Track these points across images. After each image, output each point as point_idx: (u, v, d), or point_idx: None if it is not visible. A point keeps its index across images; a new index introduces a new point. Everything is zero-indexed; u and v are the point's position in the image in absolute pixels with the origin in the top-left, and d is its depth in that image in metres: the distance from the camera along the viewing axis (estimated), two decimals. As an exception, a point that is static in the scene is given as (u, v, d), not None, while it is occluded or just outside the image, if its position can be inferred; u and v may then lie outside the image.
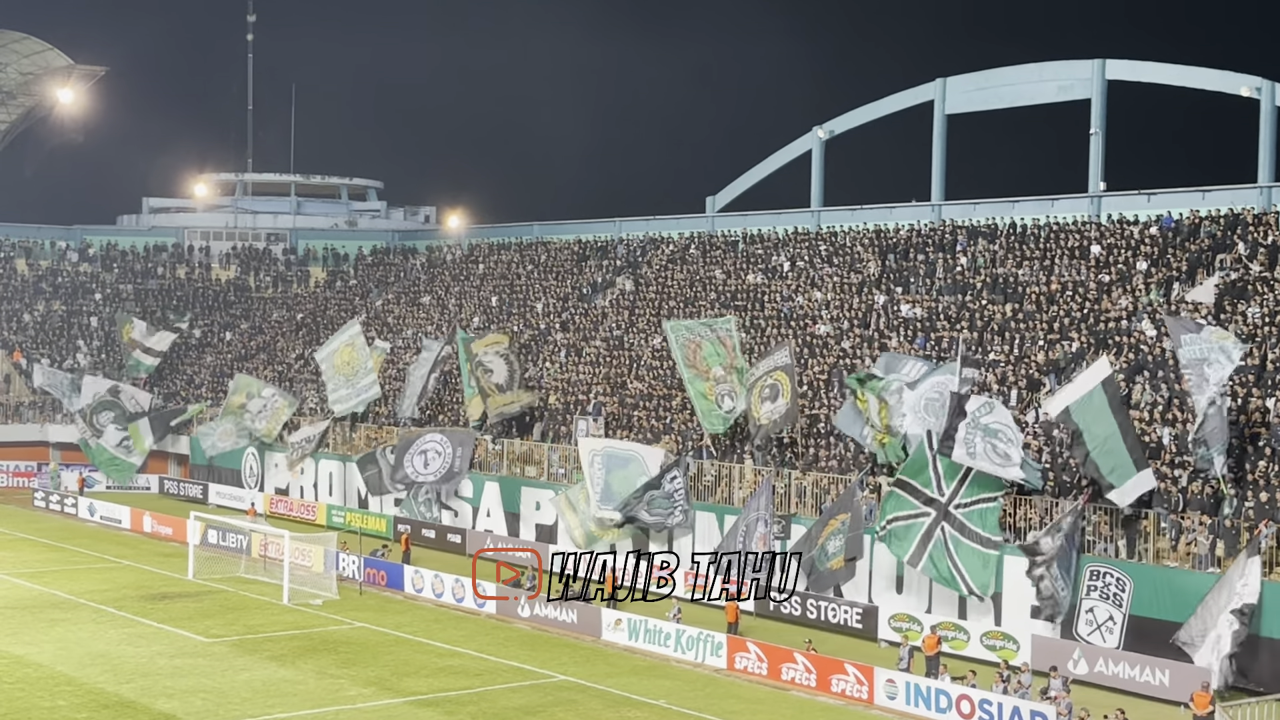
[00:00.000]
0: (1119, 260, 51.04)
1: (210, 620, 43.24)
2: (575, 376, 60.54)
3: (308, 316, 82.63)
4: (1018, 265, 53.79)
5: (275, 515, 63.01)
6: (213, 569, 51.16)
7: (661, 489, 47.47)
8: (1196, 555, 36.39)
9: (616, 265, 71.87)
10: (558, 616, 42.76)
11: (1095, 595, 37.11)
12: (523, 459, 56.06)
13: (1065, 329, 47.71)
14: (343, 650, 39.67)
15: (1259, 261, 47.23)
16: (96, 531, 61.25)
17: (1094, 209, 57.24)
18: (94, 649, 39.10)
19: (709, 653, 38.45)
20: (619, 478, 48.87)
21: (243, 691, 34.96)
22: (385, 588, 48.60)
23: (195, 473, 71.25)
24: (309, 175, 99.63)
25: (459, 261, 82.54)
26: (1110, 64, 58.27)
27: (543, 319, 68.83)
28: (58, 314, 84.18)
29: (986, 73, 62.41)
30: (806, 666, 36.12)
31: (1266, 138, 53.65)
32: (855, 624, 41.45)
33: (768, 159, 71.33)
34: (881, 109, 66.64)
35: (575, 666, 38.16)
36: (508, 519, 54.64)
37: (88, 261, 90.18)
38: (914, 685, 34.14)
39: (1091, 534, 38.40)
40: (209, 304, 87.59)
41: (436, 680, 36.56)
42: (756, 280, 62.59)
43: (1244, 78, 54.56)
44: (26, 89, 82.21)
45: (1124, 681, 35.16)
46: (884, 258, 59.14)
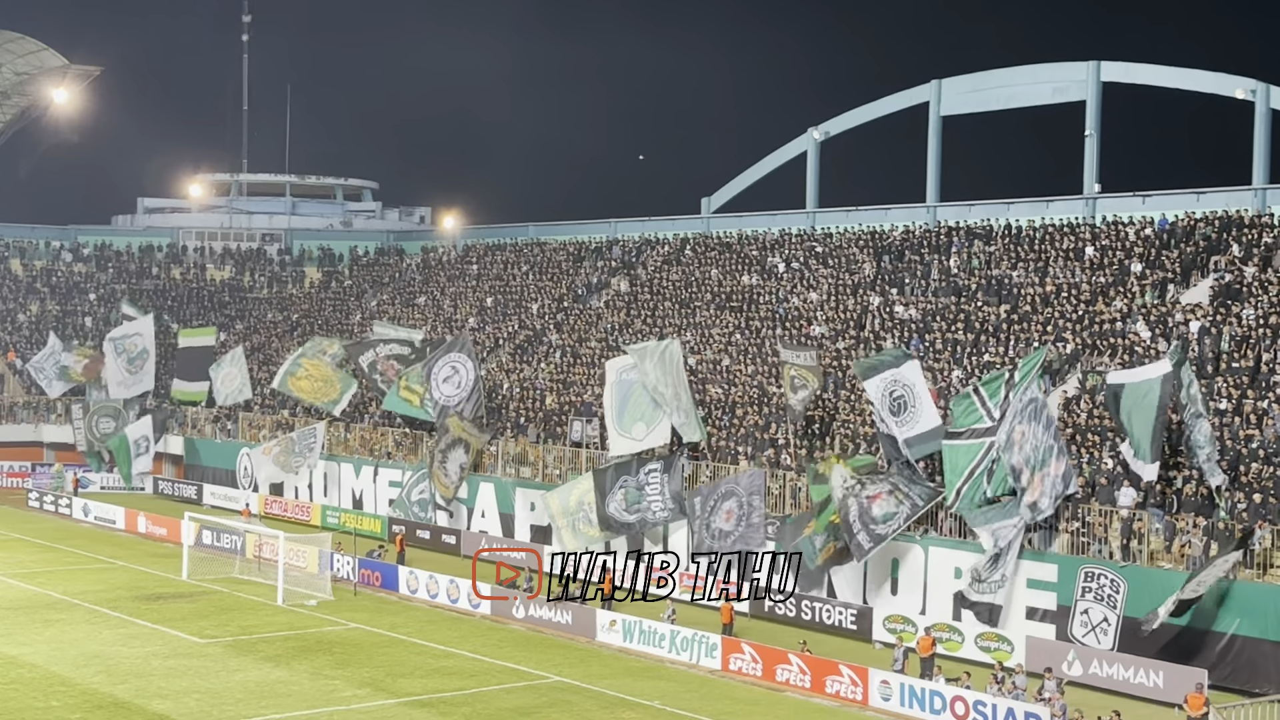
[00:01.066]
0: (1114, 262, 51.10)
1: (205, 621, 43.19)
2: (570, 377, 60.53)
3: (303, 317, 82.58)
4: (1012, 267, 53.84)
5: (270, 516, 62.95)
6: (207, 569, 51.10)
7: (635, 478, 47.60)
8: (1190, 557, 36.42)
9: (612, 266, 71.87)
10: (553, 617, 42.75)
11: (1090, 597, 37.14)
12: (518, 460, 56.04)
13: (1060, 331, 47.76)
14: (337, 651, 39.64)
15: (1253, 263, 47.31)
16: (91, 532, 61.18)
17: (1089, 211, 57.31)
18: (88, 649, 39.05)
19: (704, 654, 38.46)
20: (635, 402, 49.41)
21: (237, 692, 34.93)
22: (380, 588, 48.57)
23: (190, 473, 71.20)
24: (304, 176, 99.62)
25: (454, 262, 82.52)
26: (1105, 66, 58.36)
27: (538, 320, 68.83)
28: (52, 314, 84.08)
29: (982, 74, 62.50)
30: (801, 668, 36.13)
31: (1261, 140, 53.76)
32: (850, 625, 41.47)
33: (763, 160, 71.41)
34: (877, 110, 66.72)
35: (570, 667, 38.16)
36: (502, 520, 54.62)
37: (82, 262, 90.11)
38: (908, 686, 34.15)
39: (1086, 536, 38.44)
40: (204, 304, 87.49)
41: (431, 681, 36.54)
42: (752, 281, 62.61)
43: (1239, 80, 54.66)
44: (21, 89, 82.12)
45: (1118, 683, 35.17)
46: (879, 259, 59.18)
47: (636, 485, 47.81)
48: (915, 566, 41.15)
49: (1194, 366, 42.41)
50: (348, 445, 62.85)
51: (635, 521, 47.75)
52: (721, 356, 56.45)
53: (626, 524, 47.86)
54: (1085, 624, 37.19)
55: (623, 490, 47.89)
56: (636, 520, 47.72)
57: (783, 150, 70.32)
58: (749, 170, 72.03)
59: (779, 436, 48.72)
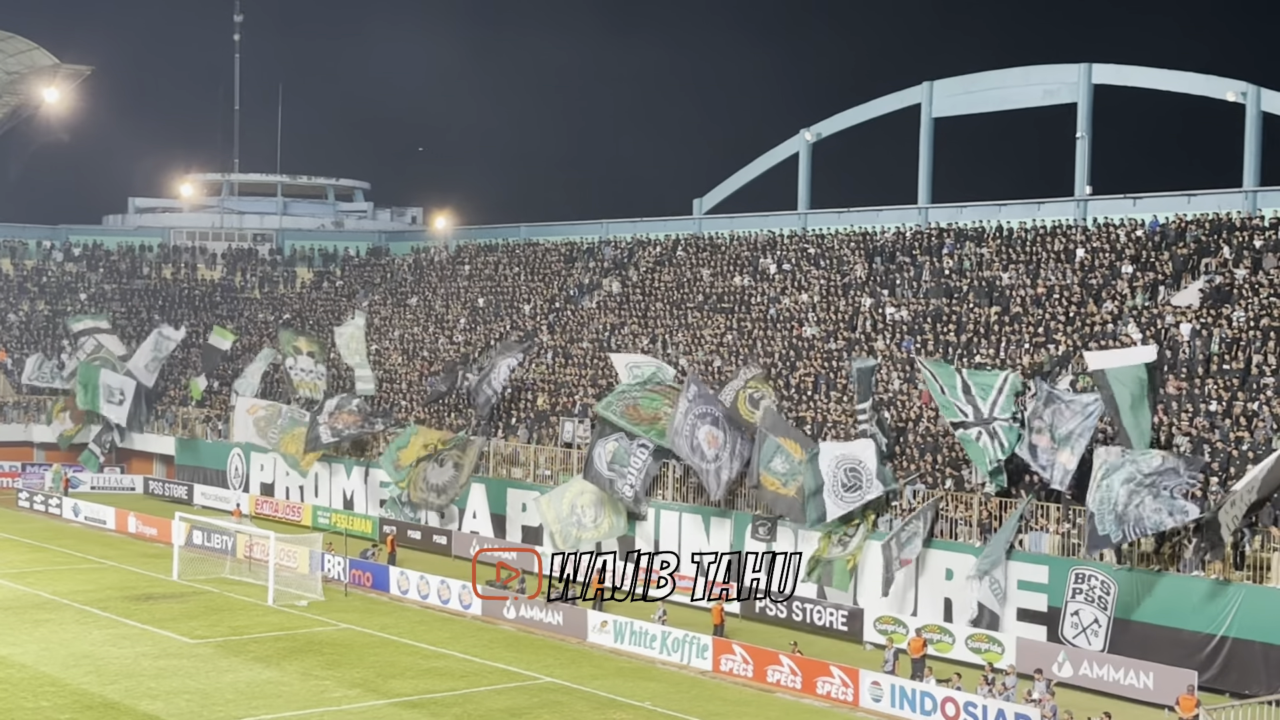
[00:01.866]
0: (1104, 264, 51.17)
1: (195, 621, 43.14)
2: (562, 378, 60.51)
3: (294, 317, 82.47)
4: (1004, 268, 53.90)
5: (260, 516, 62.90)
6: (198, 570, 51.04)
7: (630, 444, 47.98)
8: (1182, 559, 36.48)
9: (604, 267, 71.86)
10: (543, 618, 42.74)
11: (1080, 598, 37.20)
12: (509, 461, 56.02)
13: (1051, 332, 47.82)
14: (328, 651, 39.61)
15: (1244, 266, 47.39)
16: (81, 532, 61.08)
17: (1080, 212, 57.37)
18: (78, 650, 38.99)
19: (694, 655, 38.46)
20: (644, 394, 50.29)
21: (227, 693, 34.89)
22: (371, 589, 48.53)
23: (180, 473, 71.11)
24: (296, 176, 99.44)
25: (446, 263, 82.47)
26: (1096, 68, 58.43)
27: (530, 320, 68.81)
28: (42, 314, 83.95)
29: (973, 76, 62.52)
30: (792, 669, 36.15)
31: (1252, 142, 53.84)
32: (841, 626, 41.50)
33: (755, 161, 71.40)
34: (868, 112, 66.73)
35: (561, 668, 38.15)
36: (494, 521, 54.60)
37: (73, 261, 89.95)
38: (899, 687, 34.18)
39: (1077, 538, 38.48)
40: (195, 305, 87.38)
41: (422, 682, 36.52)
42: (743, 282, 62.62)
43: (1230, 82, 54.75)
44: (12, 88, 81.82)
45: (1109, 684, 35.23)
46: (870, 260, 59.21)
47: (627, 449, 48.06)
48: (908, 568, 41.14)
49: (1184, 369, 42.70)
50: (339, 446, 62.74)
51: (610, 478, 48.08)
52: (713, 358, 56.44)
53: (602, 476, 48.17)
54: (1076, 625, 37.24)
55: (615, 444, 48.13)
56: (612, 478, 48.03)
57: (774, 151, 70.34)
58: (741, 171, 72.04)
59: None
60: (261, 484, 65.66)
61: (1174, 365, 43.00)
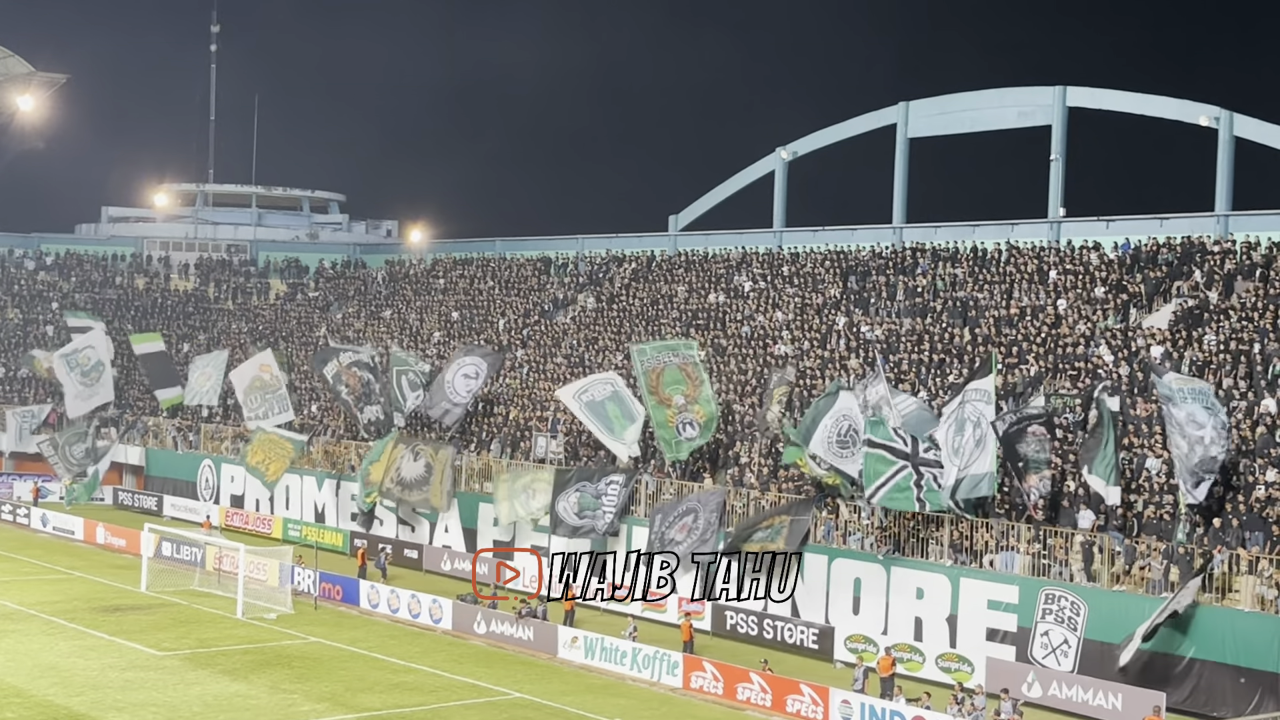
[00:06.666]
0: (1077, 285, 51.41)
1: (163, 633, 42.88)
2: (536, 394, 60.44)
3: (268, 328, 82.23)
4: (978, 289, 54.11)
5: (230, 528, 62.59)
6: (166, 582, 50.75)
7: (595, 486, 47.82)
8: (1151, 580, 36.62)
9: (579, 282, 71.86)
10: (514, 633, 42.63)
11: (1050, 619, 37.29)
12: (481, 475, 55.89)
13: (1023, 353, 48.00)
14: (296, 665, 39.42)
15: (1216, 289, 47.69)
16: (48, 542, 60.67)
17: (1053, 234, 57.65)
18: (44, 661, 38.70)
19: (665, 671, 38.41)
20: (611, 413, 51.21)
21: (194, 705, 34.68)
22: (341, 602, 48.34)
23: (150, 484, 70.72)
24: (270, 187, 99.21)
25: (421, 276, 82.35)
26: (1071, 91, 58.77)
27: (504, 335, 68.74)
28: (14, 322, 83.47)
29: (949, 97, 62.82)
30: (762, 686, 36.14)
31: (1224, 167, 54.19)
32: (811, 644, 41.50)
33: (731, 179, 71.54)
34: (844, 131, 66.96)
35: (531, 684, 38.05)
36: (465, 535, 54.46)
37: (45, 270, 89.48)
38: (869, 706, 34.20)
39: (1047, 558, 38.61)
40: (168, 315, 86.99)
41: (390, 696, 36.37)
42: (718, 300, 62.70)
43: (1203, 107, 55.14)
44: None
45: (1077, 705, 35.32)
46: (845, 279, 59.37)
47: (594, 493, 48.10)
48: (877, 586, 41.24)
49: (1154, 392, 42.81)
50: (310, 459, 62.52)
51: (581, 526, 48.08)
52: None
53: (572, 526, 48.22)
54: (1045, 646, 37.32)
55: (578, 494, 48.23)
56: (583, 526, 48.02)
57: (750, 169, 70.50)
58: (716, 189, 72.16)
59: (743, 454, 48.80)
60: (232, 496, 65.35)
61: (1144, 388, 43.18)
